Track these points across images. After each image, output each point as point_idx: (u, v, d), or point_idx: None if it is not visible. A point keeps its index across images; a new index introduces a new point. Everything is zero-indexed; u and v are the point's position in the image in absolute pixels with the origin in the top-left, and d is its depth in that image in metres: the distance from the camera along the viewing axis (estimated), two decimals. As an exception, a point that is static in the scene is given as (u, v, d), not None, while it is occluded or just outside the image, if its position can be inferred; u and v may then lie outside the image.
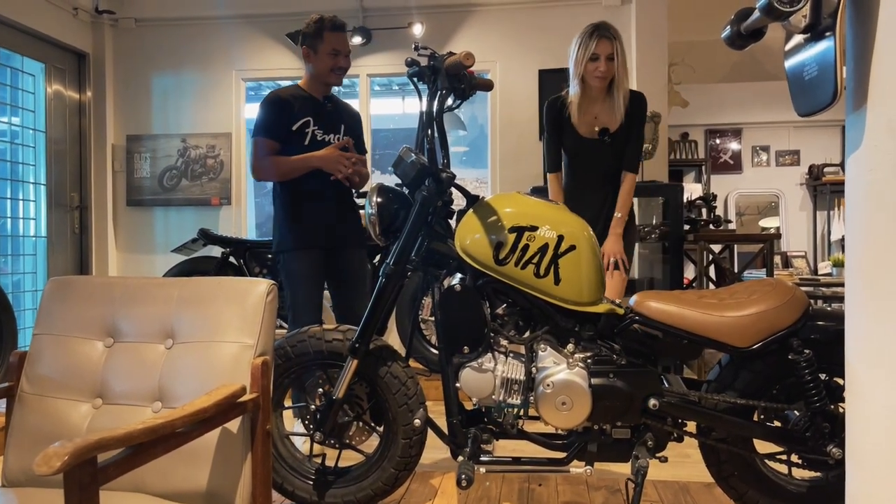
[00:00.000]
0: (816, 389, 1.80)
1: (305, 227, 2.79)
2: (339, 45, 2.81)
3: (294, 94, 2.83)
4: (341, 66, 2.84)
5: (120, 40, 5.09)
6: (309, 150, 2.77)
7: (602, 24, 2.77)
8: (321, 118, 2.84)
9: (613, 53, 2.72)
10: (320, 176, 2.75)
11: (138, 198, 5.03)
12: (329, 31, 2.79)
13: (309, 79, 2.88)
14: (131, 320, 1.64)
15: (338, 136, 2.89)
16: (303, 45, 2.85)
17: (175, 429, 1.26)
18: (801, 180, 7.12)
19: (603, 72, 2.72)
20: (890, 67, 1.34)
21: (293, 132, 2.77)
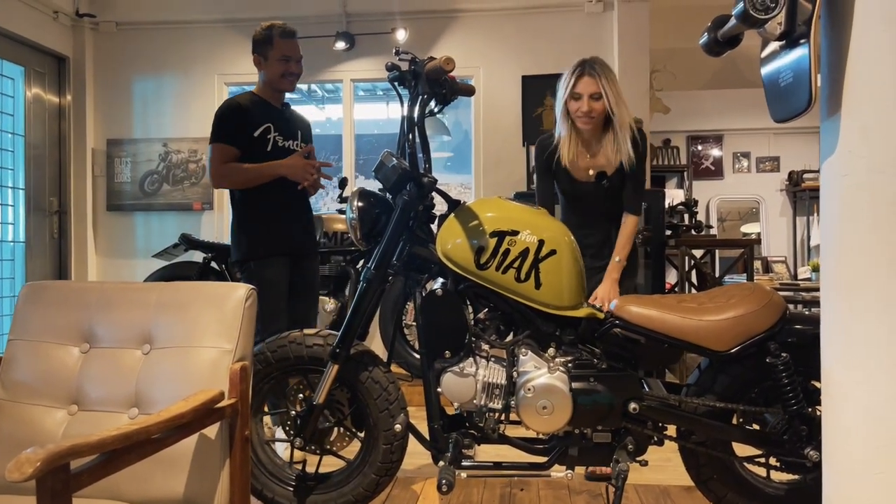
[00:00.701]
0: (794, 393, 1.82)
1: (276, 235, 2.77)
2: (290, 52, 2.81)
3: (252, 101, 2.82)
4: (293, 72, 2.83)
5: (100, 44, 5.05)
6: (272, 156, 2.77)
7: (588, 61, 2.51)
8: (280, 125, 2.84)
9: (600, 92, 2.44)
10: (285, 183, 2.75)
11: (118, 202, 4.98)
12: (279, 37, 2.79)
13: (262, 86, 2.87)
14: (108, 325, 1.62)
15: (296, 142, 2.89)
16: (254, 53, 2.85)
17: (150, 435, 1.24)
18: (780, 186, 7.20)
19: (585, 112, 2.44)
20: (863, 74, 1.36)
21: (255, 139, 2.75)
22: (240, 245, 2.80)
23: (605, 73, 2.47)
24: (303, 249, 2.86)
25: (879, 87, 1.34)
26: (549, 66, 4.73)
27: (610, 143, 2.52)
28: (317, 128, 7.21)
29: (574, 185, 2.60)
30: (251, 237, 2.77)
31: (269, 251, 2.75)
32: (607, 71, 2.50)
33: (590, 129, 2.51)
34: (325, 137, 6.94)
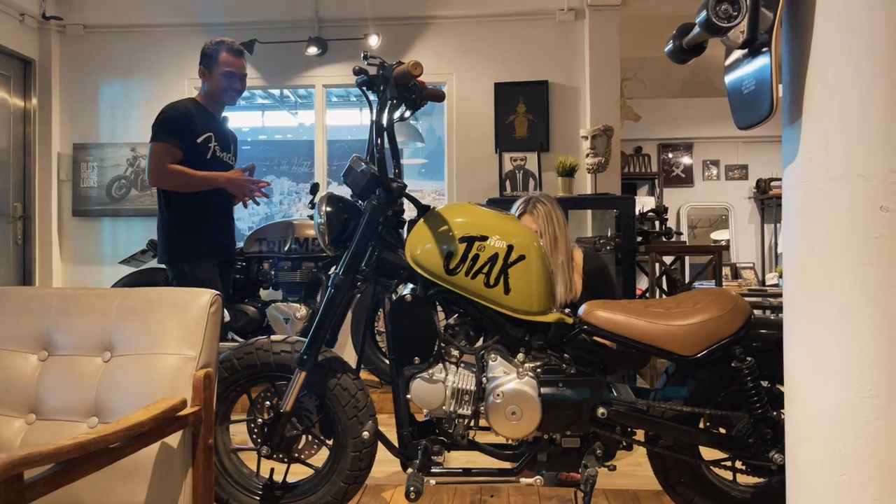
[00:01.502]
0: (758, 396, 1.84)
1: (209, 238, 2.85)
2: (234, 68, 2.88)
3: (196, 108, 2.88)
4: (235, 88, 2.90)
5: (67, 47, 4.96)
6: (210, 164, 2.83)
7: (532, 198, 2.58)
8: (219, 135, 2.91)
9: (539, 231, 2.50)
10: (218, 192, 2.83)
11: (85, 208, 4.89)
12: (226, 52, 2.87)
13: (204, 96, 2.92)
14: (67, 332, 1.58)
15: (229, 154, 2.98)
16: (200, 65, 2.91)
17: (108, 444, 1.21)
18: (749, 194, 7.32)
19: None
20: (824, 82, 1.39)
21: (197, 144, 2.80)
22: (174, 246, 2.83)
23: (545, 212, 2.52)
24: (227, 256, 2.97)
25: (839, 95, 1.36)
26: (521, 73, 4.76)
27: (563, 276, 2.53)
28: (289, 133, 7.19)
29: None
30: (188, 239, 2.81)
31: (204, 253, 2.82)
32: (549, 209, 2.54)
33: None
34: (297, 143, 6.90)
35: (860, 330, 1.34)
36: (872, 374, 1.34)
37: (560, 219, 2.56)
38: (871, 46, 1.33)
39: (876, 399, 1.34)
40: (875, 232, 1.33)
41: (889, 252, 1.33)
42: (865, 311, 1.34)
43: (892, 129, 1.33)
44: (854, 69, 1.34)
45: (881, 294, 1.33)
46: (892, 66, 1.33)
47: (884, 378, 1.34)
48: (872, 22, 1.33)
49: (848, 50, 1.35)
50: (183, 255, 2.81)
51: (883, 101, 1.33)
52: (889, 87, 1.33)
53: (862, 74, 1.34)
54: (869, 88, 1.34)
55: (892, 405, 1.33)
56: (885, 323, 1.33)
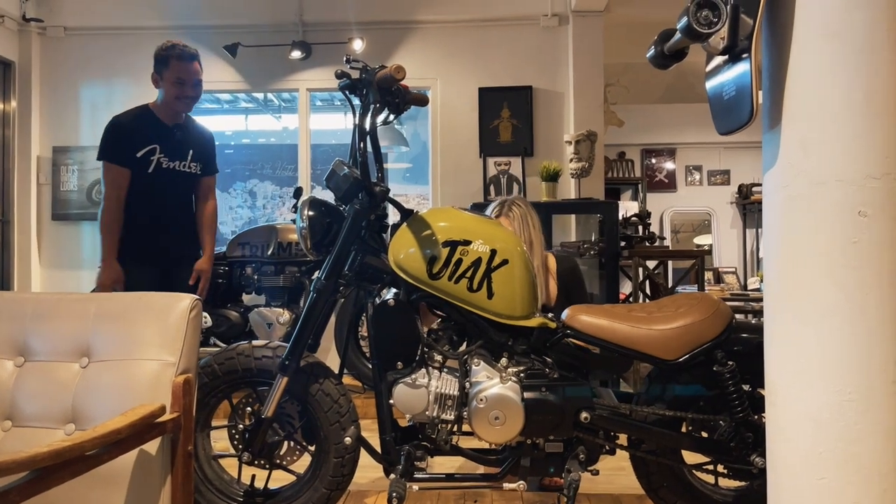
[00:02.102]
0: (739, 400, 1.85)
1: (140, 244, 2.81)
2: (185, 75, 2.81)
3: (141, 119, 2.83)
4: (188, 95, 2.84)
5: (48, 49, 4.91)
6: (153, 178, 2.79)
7: (507, 201, 2.59)
8: (168, 145, 2.83)
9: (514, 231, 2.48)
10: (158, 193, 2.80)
11: (64, 212, 4.83)
12: (175, 59, 2.80)
13: (159, 103, 2.88)
14: (44, 338, 1.56)
15: (184, 162, 2.89)
16: (153, 71, 2.86)
17: (84, 451, 1.19)
18: (731, 199, 7.38)
19: None
20: (803, 87, 1.40)
21: (137, 159, 2.76)
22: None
23: (520, 215, 2.52)
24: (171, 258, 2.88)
25: (818, 100, 1.38)
26: (505, 78, 4.77)
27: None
28: (272, 137, 7.15)
29: None
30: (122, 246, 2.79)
31: (132, 259, 2.78)
32: (524, 211, 2.54)
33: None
34: (281, 147, 6.86)
35: (840, 333, 1.35)
36: (852, 378, 1.35)
37: (535, 223, 2.55)
38: (849, 52, 1.35)
39: (856, 402, 1.35)
40: (854, 236, 1.34)
41: (868, 256, 1.34)
42: (845, 314, 1.35)
43: (870, 135, 1.34)
44: (833, 75, 1.36)
45: (860, 298, 1.34)
46: (871, 71, 1.34)
47: (863, 381, 1.35)
48: (851, 28, 1.35)
49: (827, 56, 1.36)
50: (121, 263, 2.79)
51: (861, 107, 1.35)
52: (867, 93, 1.34)
53: (840, 80, 1.35)
54: (847, 94, 1.35)
55: (871, 408, 1.35)
56: (864, 326, 1.34)
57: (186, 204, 2.98)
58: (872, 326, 1.34)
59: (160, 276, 2.81)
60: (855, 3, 1.34)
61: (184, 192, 2.97)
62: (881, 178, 1.34)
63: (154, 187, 2.82)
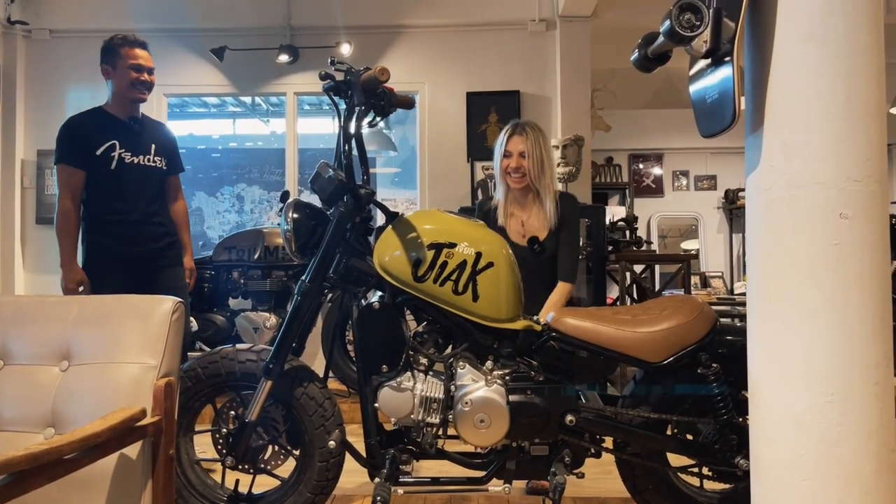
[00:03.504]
0: (724, 402, 1.86)
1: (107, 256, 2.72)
2: (138, 59, 2.76)
3: (95, 117, 2.76)
4: (142, 81, 2.76)
5: (33, 52, 4.88)
6: (116, 174, 2.71)
7: (521, 122, 2.64)
8: (127, 140, 2.76)
9: (526, 151, 2.55)
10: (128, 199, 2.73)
11: (48, 215, 4.78)
12: (128, 46, 2.76)
13: (112, 99, 2.80)
14: (23, 341, 1.54)
15: (149, 157, 2.82)
16: (101, 64, 2.78)
17: (62, 455, 1.18)
18: (717, 204, 7.43)
19: (514, 168, 2.57)
20: (785, 91, 1.41)
21: (97, 157, 2.69)
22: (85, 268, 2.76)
23: (533, 135, 2.58)
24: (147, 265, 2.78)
25: (800, 104, 1.39)
26: (493, 83, 4.79)
27: (539, 207, 2.62)
28: (260, 141, 7.13)
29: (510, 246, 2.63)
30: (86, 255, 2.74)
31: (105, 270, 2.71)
32: (537, 134, 2.60)
33: (521, 188, 2.61)
34: (268, 151, 6.84)
35: (821, 335, 1.36)
36: (834, 380, 1.36)
37: (547, 144, 2.62)
38: (830, 56, 1.36)
39: (837, 404, 1.35)
40: (835, 238, 1.35)
41: (849, 258, 1.35)
42: (826, 316, 1.36)
43: (850, 138, 1.35)
44: (814, 79, 1.37)
45: (842, 300, 1.35)
46: (851, 75, 1.36)
47: (845, 383, 1.36)
48: (832, 33, 1.36)
49: (808, 60, 1.37)
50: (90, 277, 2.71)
51: (842, 110, 1.36)
52: (848, 97, 1.36)
53: (822, 84, 1.36)
54: (828, 98, 1.36)
55: (853, 410, 1.35)
56: (845, 328, 1.35)
57: (156, 201, 2.87)
58: (854, 328, 1.35)
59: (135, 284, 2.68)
60: (835, 8, 1.36)
61: (152, 190, 2.86)
62: (862, 181, 1.35)
63: (122, 185, 2.73)
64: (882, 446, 1.37)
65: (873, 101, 1.37)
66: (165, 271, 2.85)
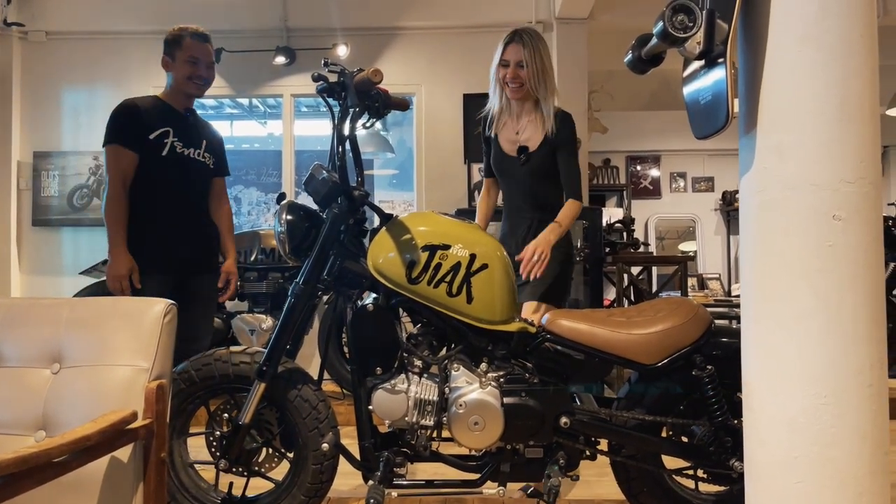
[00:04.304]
0: (718, 404, 1.85)
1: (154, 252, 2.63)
2: (199, 54, 2.71)
3: (151, 103, 2.70)
4: (200, 75, 2.72)
5: (29, 54, 4.87)
6: (167, 161, 2.64)
7: (519, 30, 2.54)
8: (181, 130, 2.70)
9: (524, 60, 2.47)
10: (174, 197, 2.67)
11: (45, 217, 4.78)
12: (189, 38, 2.72)
13: (168, 90, 2.75)
14: (14, 343, 1.53)
15: (199, 151, 2.76)
16: (164, 55, 2.74)
17: (51, 458, 1.17)
18: (715, 206, 7.44)
19: (511, 78, 2.50)
20: (778, 93, 1.41)
21: (150, 141, 2.62)
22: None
23: (532, 43, 2.48)
24: (191, 268, 2.72)
25: (794, 105, 1.39)
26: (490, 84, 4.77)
27: (534, 117, 2.53)
28: (257, 143, 7.12)
29: (500, 158, 2.62)
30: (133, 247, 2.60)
31: (148, 267, 2.60)
32: (536, 41, 2.50)
33: (518, 98, 2.54)
34: (265, 153, 6.83)
35: (815, 337, 1.36)
36: (827, 381, 1.36)
37: (546, 53, 2.52)
38: (824, 58, 1.36)
39: (832, 406, 1.35)
40: (829, 240, 1.35)
41: (842, 260, 1.35)
42: (820, 318, 1.35)
43: (844, 140, 1.35)
44: (808, 80, 1.37)
45: (835, 301, 1.35)
46: (844, 77, 1.36)
47: (839, 385, 1.35)
48: (825, 35, 1.36)
49: (802, 62, 1.37)
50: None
51: (836, 112, 1.36)
52: (841, 99, 1.36)
53: (815, 86, 1.36)
54: (822, 99, 1.36)
55: (846, 412, 1.35)
56: (839, 330, 1.35)
57: (203, 199, 2.81)
58: (847, 330, 1.35)
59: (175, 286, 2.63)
60: (829, 11, 1.36)
61: (200, 185, 2.80)
62: (855, 183, 1.35)
63: (169, 174, 2.66)
64: (876, 448, 1.37)
65: (867, 103, 1.37)
66: (204, 277, 2.78)
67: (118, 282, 2.55)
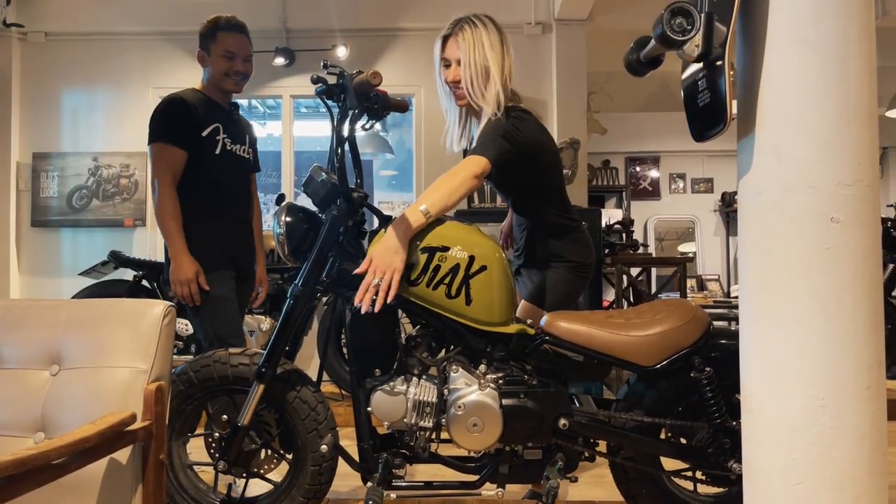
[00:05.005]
0: (717, 406, 1.85)
1: (219, 250, 2.54)
2: (234, 47, 2.54)
3: (197, 97, 2.54)
4: (237, 70, 2.55)
5: (28, 55, 4.87)
6: (220, 160, 2.53)
7: (461, 18, 2.14)
8: (228, 126, 2.58)
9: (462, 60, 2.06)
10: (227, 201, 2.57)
11: (44, 218, 4.78)
12: (224, 30, 2.53)
13: (206, 84, 2.61)
14: (13, 345, 1.53)
15: (245, 147, 2.65)
16: (199, 48, 2.59)
17: (50, 460, 1.17)
18: (714, 207, 7.44)
19: (452, 82, 2.13)
20: (776, 95, 1.41)
21: (203, 139, 2.49)
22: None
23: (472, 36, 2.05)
24: (239, 270, 2.63)
25: (791, 107, 1.39)
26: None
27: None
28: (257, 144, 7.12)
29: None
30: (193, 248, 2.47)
31: (214, 265, 2.49)
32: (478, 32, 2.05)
33: (465, 103, 2.11)
34: (265, 154, 6.81)
35: (813, 339, 1.36)
36: (826, 383, 1.36)
37: (494, 43, 2.05)
38: (821, 60, 1.36)
39: (830, 407, 1.35)
40: (826, 242, 1.35)
41: (840, 262, 1.35)
42: (818, 320, 1.36)
43: (841, 142, 1.35)
44: (805, 82, 1.37)
45: (834, 303, 1.35)
46: (842, 79, 1.36)
47: (837, 386, 1.35)
48: (823, 37, 1.36)
49: (799, 64, 1.38)
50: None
51: (833, 114, 1.36)
52: (839, 101, 1.36)
53: (813, 87, 1.37)
54: (820, 102, 1.36)
55: (845, 413, 1.35)
56: (837, 332, 1.35)
57: (247, 197, 2.68)
58: (846, 332, 1.35)
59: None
60: (826, 13, 1.36)
61: (245, 183, 2.67)
62: (853, 185, 1.35)
63: (222, 173, 2.54)
64: (875, 449, 1.37)
65: (864, 105, 1.37)
66: (247, 281, 2.70)
67: (186, 286, 2.42)
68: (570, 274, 2.18)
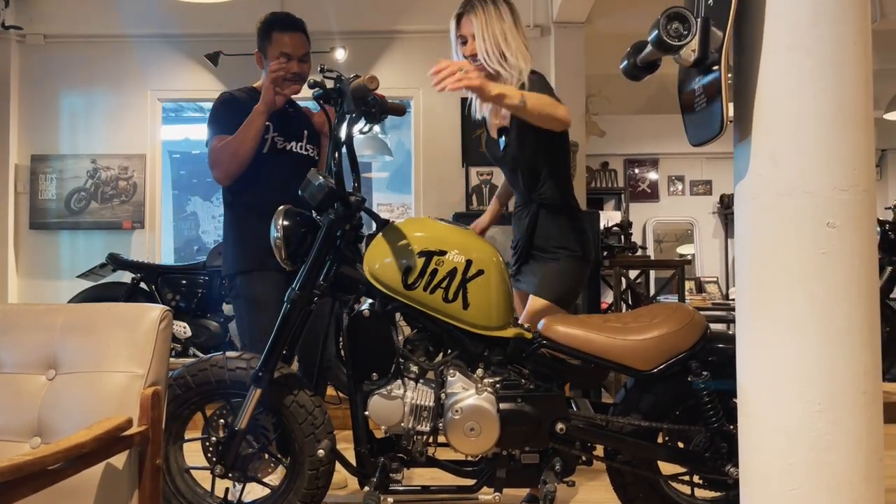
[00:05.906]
0: (714, 410, 1.85)
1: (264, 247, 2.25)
2: (289, 48, 2.41)
3: (249, 95, 2.49)
4: (293, 72, 2.41)
5: (27, 57, 4.87)
6: (268, 159, 2.43)
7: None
8: (281, 124, 2.48)
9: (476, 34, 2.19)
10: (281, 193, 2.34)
11: (43, 220, 4.78)
12: (278, 30, 2.41)
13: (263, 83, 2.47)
14: (9, 349, 1.53)
15: (301, 143, 2.55)
16: (256, 50, 2.51)
17: (46, 465, 1.17)
18: (713, 209, 7.44)
19: (471, 56, 2.23)
20: (772, 100, 1.41)
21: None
22: (226, 257, 2.48)
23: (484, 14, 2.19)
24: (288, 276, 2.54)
25: (788, 112, 1.39)
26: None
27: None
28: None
29: (489, 143, 2.41)
30: (238, 249, 2.43)
31: (259, 264, 2.36)
32: (486, 5, 2.20)
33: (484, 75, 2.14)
34: (264, 156, 6.84)
35: (809, 344, 1.36)
36: (822, 388, 1.36)
37: (505, 14, 2.20)
38: (817, 65, 1.36)
39: (827, 412, 1.36)
40: (822, 247, 1.35)
41: (836, 267, 1.35)
42: (814, 325, 1.36)
43: (837, 147, 1.36)
44: (801, 87, 1.37)
45: (830, 308, 1.35)
46: (838, 84, 1.36)
47: (834, 391, 1.36)
48: (818, 42, 1.36)
49: (795, 69, 1.38)
50: (238, 267, 2.42)
51: (829, 119, 1.36)
52: (835, 106, 1.36)
53: (808, 93, 1.37)
54: (816, 107, 1.37)
55: (842, 418, 1.35)
56: (833, 337, 1.35)
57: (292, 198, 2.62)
58: (842, 337, 1.35)
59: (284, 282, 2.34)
60: (822, 18, 1.36)
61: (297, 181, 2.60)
62: (849, 190, 1.35)
63: (271, 173, 2.44)
64: (871, 454, 1.37)
65: (860, 110, 1.37)
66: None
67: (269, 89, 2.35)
68: (575, 264, 2.23)
